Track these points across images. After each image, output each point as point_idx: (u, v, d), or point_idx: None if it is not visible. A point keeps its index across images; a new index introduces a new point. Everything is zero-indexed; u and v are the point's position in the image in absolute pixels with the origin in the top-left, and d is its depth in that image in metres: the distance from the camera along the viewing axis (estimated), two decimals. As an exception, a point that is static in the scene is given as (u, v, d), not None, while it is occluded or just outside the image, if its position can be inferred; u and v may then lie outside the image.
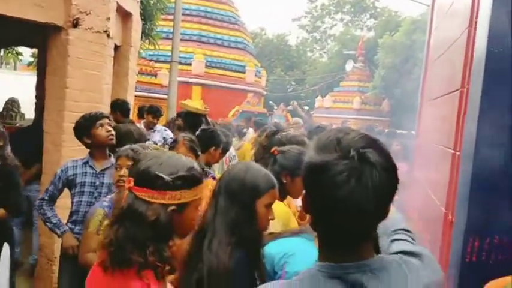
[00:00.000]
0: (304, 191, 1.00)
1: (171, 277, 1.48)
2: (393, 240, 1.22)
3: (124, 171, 2.44)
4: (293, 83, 35.48)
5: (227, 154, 4.69)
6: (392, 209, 1.47)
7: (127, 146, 2.67)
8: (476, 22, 2.37)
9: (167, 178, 1.34)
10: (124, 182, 2.06)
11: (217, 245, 1.64)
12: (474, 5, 2.48)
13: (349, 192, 0.88)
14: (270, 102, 26.74)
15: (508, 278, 0.90)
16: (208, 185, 2.91)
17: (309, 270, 1.00)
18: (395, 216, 1.37)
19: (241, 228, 1.67)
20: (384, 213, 0.96)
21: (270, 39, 37.34)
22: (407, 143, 6.42)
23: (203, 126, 4.49)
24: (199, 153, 3.01)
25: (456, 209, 2.37)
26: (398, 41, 20.08)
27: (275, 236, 1.93)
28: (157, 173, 1.34)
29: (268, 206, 1.76)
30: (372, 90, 21.66)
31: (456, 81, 2.84)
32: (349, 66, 24.26)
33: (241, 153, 5.95)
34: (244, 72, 18.43)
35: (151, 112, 5.94)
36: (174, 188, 1.35)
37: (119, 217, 1.36)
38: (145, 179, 1.35)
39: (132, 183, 1.36)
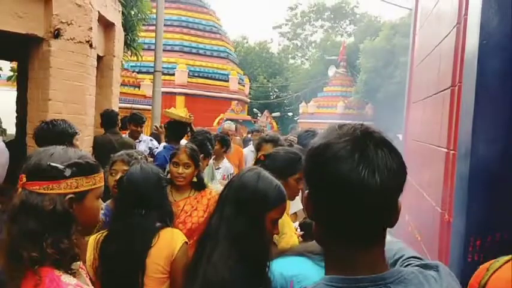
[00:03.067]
0: (306, 191, 0.92)
1: None
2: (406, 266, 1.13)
3: (120, 176, 2.37)
4: (276, 90, 35.59)
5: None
6: (393, 239, 1.38)
7: (122, 151, 2.60)
8: (465, 18, 2.35)
9: (60, 166, 1.30)
10: None
11: (218, 256, 1.54)
12: (462, 2, 2.47)
13: (352, 166, 0.80)
14: (254, 109, 26.78)
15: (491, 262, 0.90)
16: (206, 195, 2.85)
17: (315, 285, 0.90)
18: (399, 245, 1.29)
19: (247, 240, 1.55)
20: (394, 204, 0.87)
21: (252, 47, 37.43)
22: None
23: (195, 134, 4.44)
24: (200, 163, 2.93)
25: (454, 208, 2.34)
26: (379, 46, 20.27)
27: (280, 252, 1.83)
28: (48, 163, 1.30)
29: (276, 220, 1.65)
30: (354, 95, 21.83)
31: (446, 79, 2.83)
32: (331, 71, 24.43)
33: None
34: (227, 81, 18.44)
35: (132, 120, 5.77)
36: (69, 176, 1.32)
37: (12, 215, 1.29)
38: (37, 171, 1.30)
39: (24, 180, 1.30)
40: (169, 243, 1.96)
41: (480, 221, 2.01)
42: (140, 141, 5.61)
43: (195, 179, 2.81)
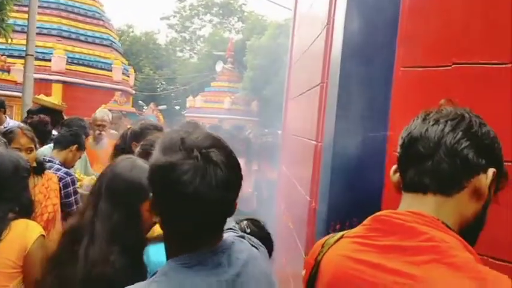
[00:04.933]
0: (151, 194, 1.02)
1: None
2: None
3: None
4: (163, 82, 34.95)
5: None
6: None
7: None
8: (333, 19, 2.54)
9: None
10: None
11: (97, 251, 1.45)
12: (332, 4, 2.66)
13: (195, 190, 0.93)
14: (140, 101, 26.02)
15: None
16: (53, 178, 2.68)
17: (167, 266, 1.01)
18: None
19: (124, 234, 1.49)
20: (231, 208, 1.03)
21: (138, 37, 36.22)
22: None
23: (69, 123, 4.17)
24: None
25: (319, 196, 2.51)
26: (265, 44, 20.91)
27: (155, 238, 1.80)
28: None
29: None
30: (241, 91, 22.27)
31: (316, 77, 3.03)
32: (219, 66, 24.64)
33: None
34: (110, 70, 17.69)
35: None
36: None
37: None
38: None
39: None
40: (23, 235, 1.83)
41: (340, 207, 2.19)
42: (6, 127, 5.12)
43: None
